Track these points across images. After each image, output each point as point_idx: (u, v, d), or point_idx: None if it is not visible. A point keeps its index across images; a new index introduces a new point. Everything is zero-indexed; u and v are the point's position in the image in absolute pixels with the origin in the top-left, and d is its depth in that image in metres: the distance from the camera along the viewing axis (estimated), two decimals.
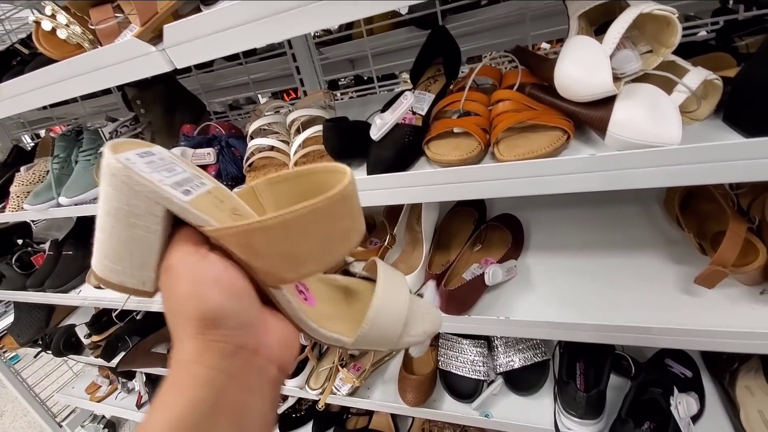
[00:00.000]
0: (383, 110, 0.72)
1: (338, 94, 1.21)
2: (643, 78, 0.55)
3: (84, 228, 1.43)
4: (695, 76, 0.53)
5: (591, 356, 0.87)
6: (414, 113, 0.72)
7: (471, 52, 1.01)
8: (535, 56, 0.67)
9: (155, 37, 0.69)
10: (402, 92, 0.70)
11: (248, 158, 0.82)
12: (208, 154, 0.86)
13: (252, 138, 0.84)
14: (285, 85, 1.24)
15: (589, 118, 0.57)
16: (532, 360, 0.93)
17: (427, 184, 0.65)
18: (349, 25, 1.14)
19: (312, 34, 1.23)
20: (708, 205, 0.74)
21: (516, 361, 0.94)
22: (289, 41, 1.06)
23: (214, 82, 1.40)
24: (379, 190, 0.68)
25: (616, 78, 0.55)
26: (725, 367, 0.80)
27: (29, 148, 1.45)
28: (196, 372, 0.23)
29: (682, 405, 0.69)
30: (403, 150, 0.68)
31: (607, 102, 0.55)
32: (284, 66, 1.14)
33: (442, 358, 0.99)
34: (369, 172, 0.68)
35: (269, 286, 0.28)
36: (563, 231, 0.90)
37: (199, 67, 1.28)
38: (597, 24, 0.64)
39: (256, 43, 0.62)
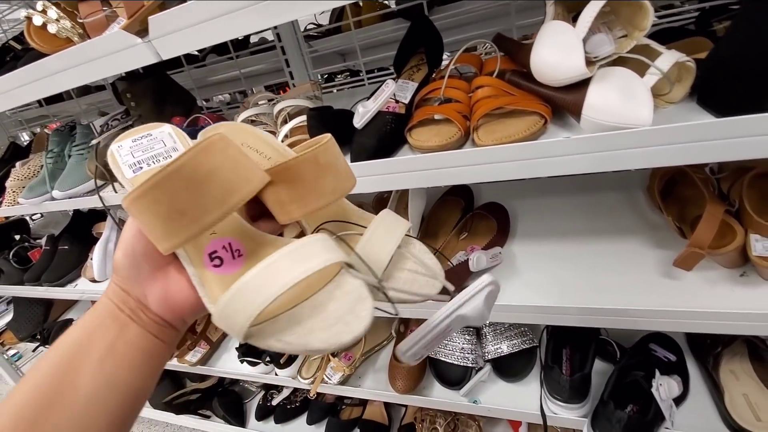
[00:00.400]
0: (368, 99, 0.73)
1: (334, 90, 1.22)
2: (619, 61, 0.56)
3: (79, 223, 1.44)
4: (667, 58, 0.54)
5: (576, 342, 0.88)
6: (397, 101, 0.73)
7: (457, 44, 1.02)
8: (514, 43, 0.68)
9: (143, 29, 0.70)
10: (384, 81, 0.71)
11: None
12: None
13: None
14: (276, 80, 1.24)
15: (564, 102, 0.58)
16: (519, 347, 0.94)
17: (409, 171, 0.66)
18: (339, 18, 1.15)
19: (302, 28, 1.25)
20: (689, 190, 0.75)
21: (504, 348, 0.95)
22: (278, 35, 1.07)
23: (206, 77, 1.41)
24: (362, 177, 0.69)
25: (591, 62, 0.56)
26: (709, 351, 0.81)
27: (25, 145, 1.47)
28: (100, 300, 0.33)
29: (663, 387, 0.70)
30: (385, 137, 0.69)
31: (582, 85, 0.55)
32: (275, 60, 1.15)
33: None
34: (353, 160, 0.69)
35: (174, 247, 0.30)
36: (549, 219, 0.91)
37: (191, 62, 1.29)
38: (576, 11, 0.65)
39: (241, 31, 0.63)
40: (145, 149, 0.37)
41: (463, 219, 0.89)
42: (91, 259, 1.27)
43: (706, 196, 0.65)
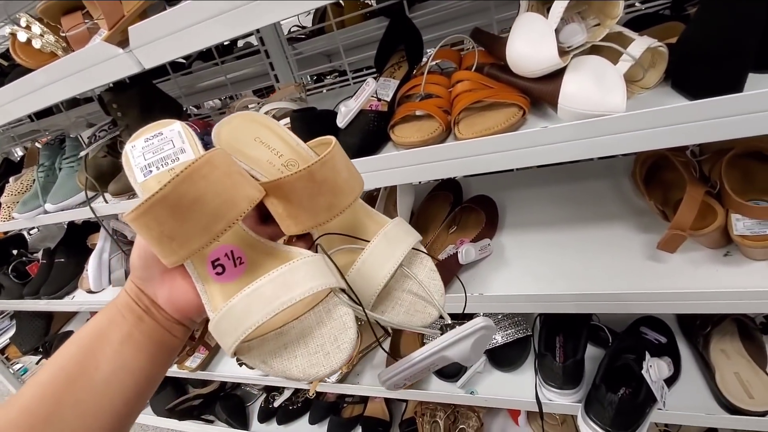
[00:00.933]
0: (350, 99, 0.74)
1: (324, 90, 1.23)
2: (594, 50, 0.57)
3: (74, 235, 1.45)
4: (639, 45, 0.54)
5: (569, 329, 0.89)
6: (379, 100, 0.74)
7: (438, 41, 1.03)
8: (491, 37, 0.68)
9: (125, 39, 0.71)
10: (365, 79, 0.72)
11: None
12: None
13: None
14: (262, 84, 1.25)
15: (541, 93, 0.59)
16: (514, 336, 0.95)
17: (393, 167, 0.67)
18: (321, 19, 1.15)
19: (286, 31, 1.25)
20: (671, 174, 0.75)
21: (498, 338, 0.96)
22: (261, 39, 1.07)
23: (194, 84, 1.41)
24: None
25: (564, 51, 0.57)
26: (699, 332, 0.82)
27: (18, 160, 1.48)
28: (120, 293, 0.36)
29: (653, 368, 0.71)
30: (369, 135, 0.70)
31: (557, 75, 0.56)
32: (260, 63, 1.15)
33: (426, 340, 1.01)
34: None
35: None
36: (537, 209, 0.92)
37: (178, 70, 1.30)
38: (550, 2, 0.66)
39: (221, 37, 0.63)
40: (155, 150, 0.37)
41: (451, 213, 0.90)
42: (87, 270, 1.28)
43: (686, 178, 0.66)
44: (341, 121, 0.70)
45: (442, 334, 0.35)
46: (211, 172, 0.30)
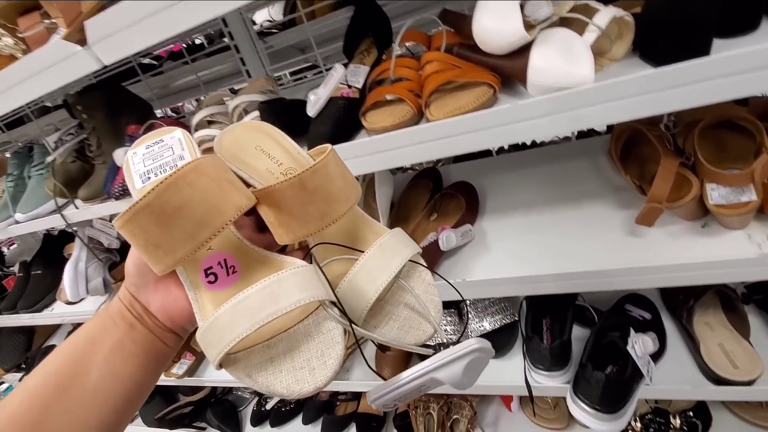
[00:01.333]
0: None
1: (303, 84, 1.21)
2: (561, 23, 0.57)
3: (51, 246, 1.41)
4: (604, 15, 0.54)
5: (555, 311, 0.89)
6: (350, 86, 0.72)
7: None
8: (460, 16, 0.67)
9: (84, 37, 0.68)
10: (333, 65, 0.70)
11: None
12: None
13: (196, 130, 0.84)
14: (235, 81, 1.23)
15: (510, 69, 0.58)
16: (501, 322, 0.95)
17: (366, 154, 0.65)
18: (292, 10, 1.13)
19: (258, 25, 1.23)
20: (646, 148, 0.75)
21: (486, 325, 0.95)
22: (230, 33, 1.05)
23: (167, 84, 1.38)
24: None
25: (531, 25, 0.56)
26: (682, 306, 0.83)
27: None
28: (114, 300, 0.36)
29: (638, 344, 0.71)
30: (341, 123, 0.69)
31: (525, 50, 0.55)
32: (231, 60, 1.13)
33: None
34: (309, 148, 0.68)
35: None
36: (517, 192, 0.91)
37: (148, 70, 1.27)
38: None
39: (183, 25, 0.61)
40: (155, 157, 0.37)
41: (431, 200, 0.88)
42: (63, 280, 1.25)
43: (660, 151, 0.66)
44: (311, 110, 0.68)
45: (434, 354, 0.33)
46: (197, 180, 0.30)
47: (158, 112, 1.28)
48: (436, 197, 0.89)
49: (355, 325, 0.33)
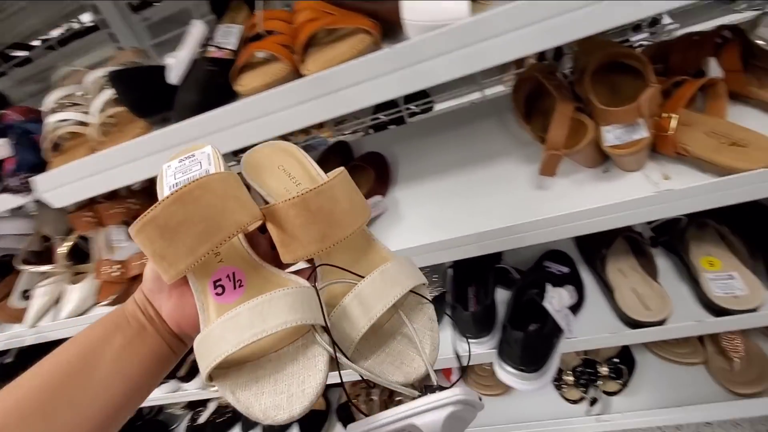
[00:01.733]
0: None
1: None
2: None
3: None
4: None
5: (478, 277, 0.86)
6: (221, 48, 0.63)
7: None
8: None
9: None
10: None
11: (47, 139, 0.69)
12: (2, 146, 0.72)
13: (48, 115, 0.70)
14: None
15: (386, 12, 0.52)
16: (430, 296, 0.91)
17: (240, 122, 0.57)
18: None
19: None
20: (548, 99, 0.73)
21: None
22: (94, 6, 0.91)
23: (44, 77, 1.19)
24: (189, 141, 0.59)
25: None
26: (596, 256, 0.83)
27: None
28: (129, 300, 0.37)
29: (555, 299, 0.69)
30: (212, 89, 0.60)
31: None
32: (102, 41, 0.98)
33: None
34: (174, 120, 0.59)
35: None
36: (429, 158, 0.87)
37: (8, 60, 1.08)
38: None
39: None
40: (185, 171, 0.38)
41: None
42: None
43: (556, 98, 0.63)
44: (171, 76, 0.58)
45: (418, 397, 0.31)
46: (201, 196, 0.31)
47: None
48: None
49: (341, 354, 0.32)
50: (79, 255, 0.97)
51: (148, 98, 0.61)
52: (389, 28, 0.56)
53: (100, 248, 0.93)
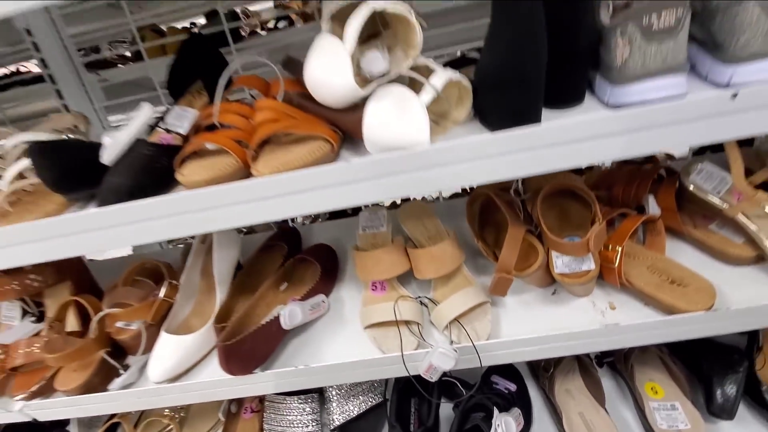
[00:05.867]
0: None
1: None
2: (410, 84, 0.52)
3: None
4: (441, 76, 0.50)
5: (422, 386, 0.80)
6: (170, 132, 0.59)
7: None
8: (302, 66, 0.60)
9: None
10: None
11: None
12: None
13: None
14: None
15: (348, 124, 0.52)
16: (369, 403, 0.82)
17: (175, 214, 0.51)
18: (134, 43, 0.98)
19: (82, 51, 1.04)
20: (500, 215, 0.74)
21: (353, 408, 0.82)
22: (42, 60, 0.85)
23: None
24: (113, 228, 0.52)
25: (368, 80, 0.50)
26: (544, 374, 0.80)
27: None
28: None
29: (501, 427, 0.64)
30: (145, 174, 0.54)
31: (362, 105, 0.49)
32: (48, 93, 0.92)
33: (266, 424, 0.82)
34: (99, 204, 0.52)
35: None
36: None
37: None
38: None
39: None
40: None
41: (282, 267, 0.76)
42: None
43: (508, 219, 0.64)
44: (105, 156, 0.53)
45: None
46: None
47: None
48: (288, 263, 0.76)
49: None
50: None
51: (71, 176, 0.54)
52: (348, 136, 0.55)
53: None
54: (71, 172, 0.54)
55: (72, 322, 0.71)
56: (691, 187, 0.65)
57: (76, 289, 0.74)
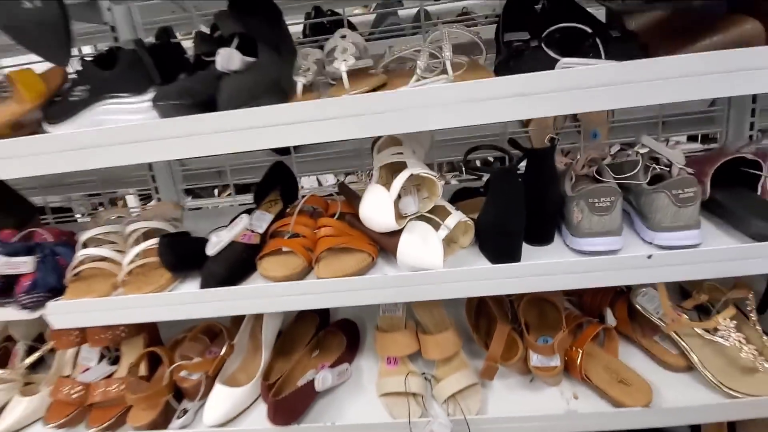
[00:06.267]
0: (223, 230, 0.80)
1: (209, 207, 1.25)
2: (424, 217, 0.74)
3: None
4: (454, 218, 0.72)
5: None
6: (252, 231, 0.81)
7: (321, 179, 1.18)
8: (353, 192, 0.84)
9: None
10: (240, 214, 0.79)
11: (75, 267, 0.80)
12: (25, 263, 0.80)
13: (85, 246, 0.82)
14: (141, 187, 1.24)
15: (386, 245, 0.73)
16: None
17: (256, 297, 0.72)
18: None
19: None
20: (491, 310, 0.94)
21: None
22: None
23: (59, 180, 1.32)
24: (211, 302, 0.72)
25: (402, 216, 0.73)
26: None
27: None
28: None
29: None
30: (236, 266, 0.75)
31: (397, 234, 0.71)
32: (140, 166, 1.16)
33: None
34: (201, 286, 0.73)
35: None
36: None
37: None
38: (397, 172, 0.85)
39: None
40: None
41: (315, 337, 0.94)
42: None
43: (497, 318, 0.83)
44: (211, 251, 0.74)
45: None
46: None
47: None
48: (320, 334, 0.95)
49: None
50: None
51: (183, 261, 0.75)
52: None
53: (63, 363, 0.96)
54: (184, 258, 0.75)
55: (143, 368, 0.88)
56: (638, 307, 0.85)
57: (149, 341, 0.92)
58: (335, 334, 0.96)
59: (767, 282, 0.87)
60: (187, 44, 0.86)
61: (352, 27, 0.99)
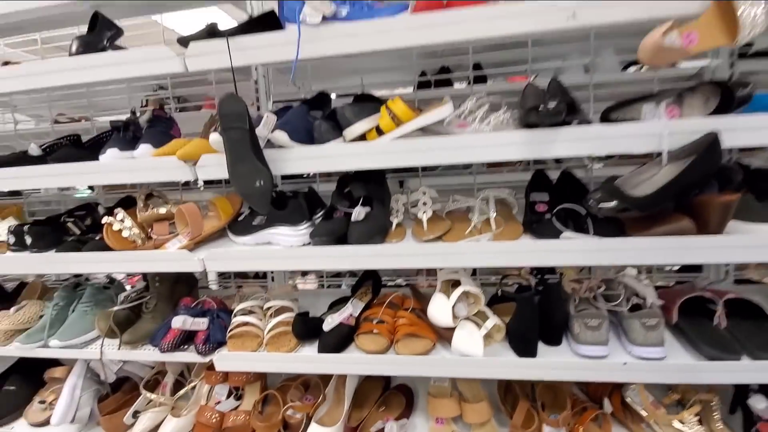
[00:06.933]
0: (330, 308, 1.20)
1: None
2: (470, 318, 1.10)
3: (29, 365, 1.52)
4: (491, 321, 1.08)
5: None
6: (351, 315, 1.19)
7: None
8: (422, 294, 1.21)
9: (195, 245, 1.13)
10: (346, 304, 1.19)
11: (231, 329, 1.20)
12: (203, 323, 1.22)
13: (236, 315, 1.23)
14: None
15: (445, 336, 1.09)
16: None
17: (356, 363, 1.08)
18: None
19: None
20: (516, 391, 1.24)
21: None
22: None
23: None
24: (326, 363, 1.09)
25: (456, 317, 1.09)
26: None
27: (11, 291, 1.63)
28: None
29: None
30: (341, 339, 1.13)
31: (452, 329, 1.07)
32: None
33: None
34: (319, 351, 1.10)
35: None
36: None
37: None
38: (455, 286, 1.22)
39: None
40: None
41: (382, 396, 1.28)
42: (41, 402, 1.38)
43: (519, 396, 1.14)
44: (326, 328, 1.12)
45: None
46: None
47: None
48: (386, 394, 1.28)
49: None
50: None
51: (307, 333, 1.14)
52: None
53: (200, 395, 1.33)
54: (308, 331, 1.14)
55: (259, 406, 1.25)
56: (628, 400, 1.13)
57: (263, 385, 1.29)
58: (396, 395, 1.29)
59: (734, 389, 1.13)
60: None
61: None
